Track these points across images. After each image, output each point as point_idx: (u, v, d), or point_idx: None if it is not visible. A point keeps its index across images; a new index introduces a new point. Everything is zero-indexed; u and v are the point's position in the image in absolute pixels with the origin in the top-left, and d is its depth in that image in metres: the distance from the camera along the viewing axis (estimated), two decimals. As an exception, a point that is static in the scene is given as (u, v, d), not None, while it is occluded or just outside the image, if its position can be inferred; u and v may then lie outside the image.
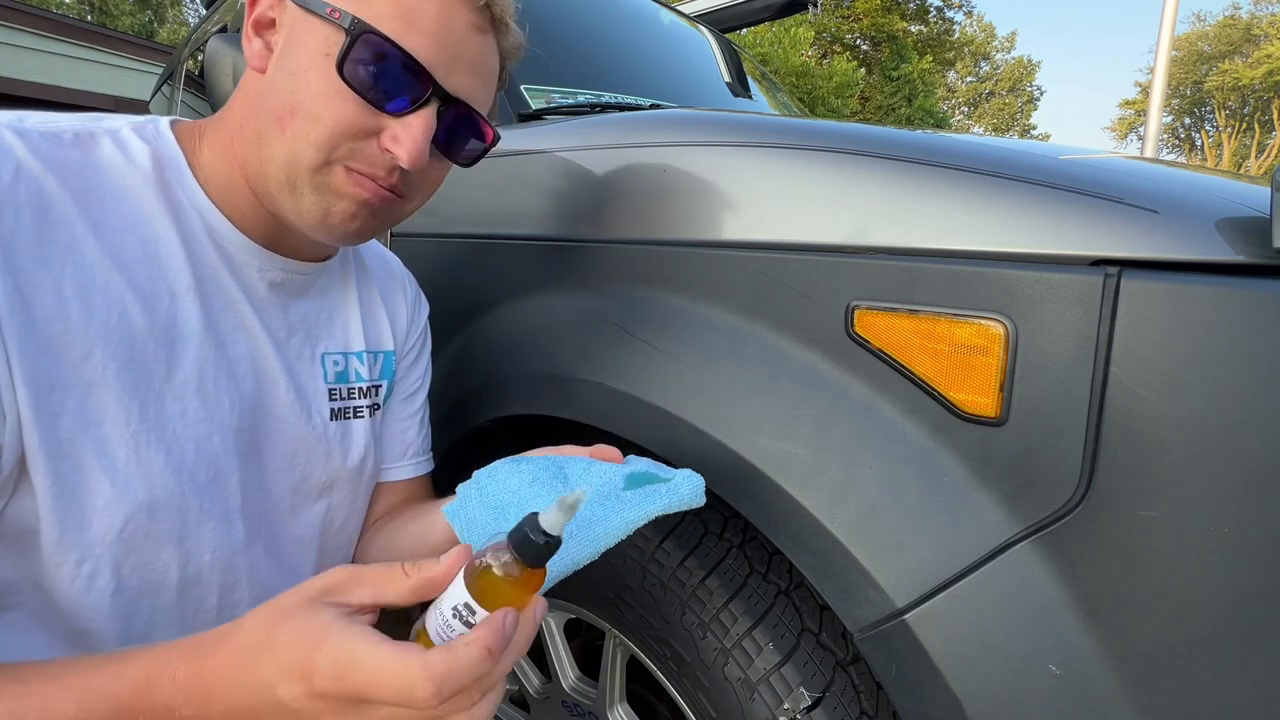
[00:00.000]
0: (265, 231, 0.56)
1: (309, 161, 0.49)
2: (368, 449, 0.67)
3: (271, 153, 0.50)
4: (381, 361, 0.70)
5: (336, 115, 0.48)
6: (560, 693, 0.84)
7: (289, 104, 0.48)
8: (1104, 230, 0.46)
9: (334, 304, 0.65)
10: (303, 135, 0.48)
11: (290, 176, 0.50)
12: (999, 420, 0.48)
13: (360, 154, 0.50)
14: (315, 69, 0.48)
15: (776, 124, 0.69)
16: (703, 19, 2.06)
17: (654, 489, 0.48)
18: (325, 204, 0.51)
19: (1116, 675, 0.45)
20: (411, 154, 0.50)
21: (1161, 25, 4.67)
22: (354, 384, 0.66)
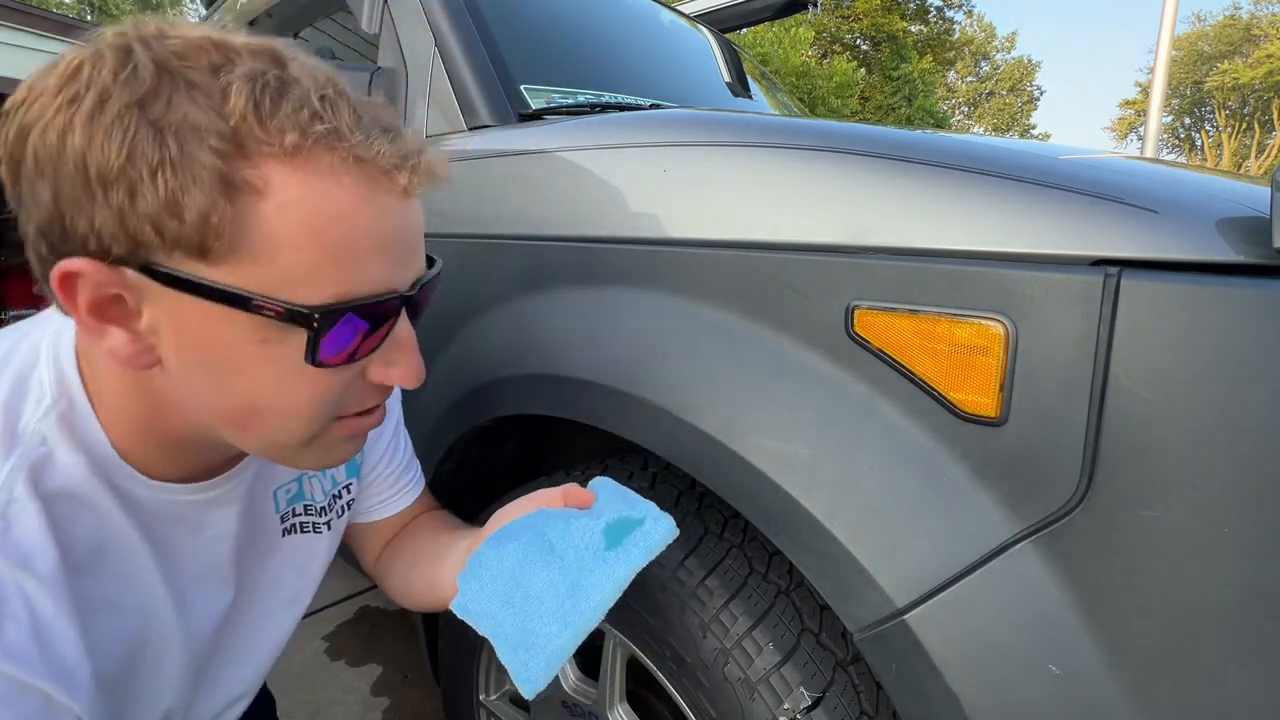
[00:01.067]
0: (202, 472, 0.51)
1: (299, 441, 0.44)
2: (329, 558, 0.67)
3: (235, 440, 0.45)
4: (348, 468, 0.68)
5: (316, 398, 0.42)
6: (560, 693, 0.84)
7: (242, 406, 0.41)
8: (1104, 230, 0.46)
9: None
10: (279, 428, 0.43)
11: (276, 453, 0.45)
12: (999, 420, 0.48)
13: (352, 401, 0.45)
14: (258, 363, 0.39)
15: (776, 124, 0.69)
16: (703, 19, 2.06)
17: (632, 540, 0.51)
18: (329, 456, 0.48)
19: (1116, 675, 0.45)
20: (413, 374, 0.45)
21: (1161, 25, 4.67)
22: (309, 502, 0.64)
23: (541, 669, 0.49)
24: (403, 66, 1.09)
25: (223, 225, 0.35)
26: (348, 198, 0.38)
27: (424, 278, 0.46)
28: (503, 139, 0.89)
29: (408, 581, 0.68)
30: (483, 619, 0.53)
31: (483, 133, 0.95)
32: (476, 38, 1.05)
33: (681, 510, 0.71)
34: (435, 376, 0.96)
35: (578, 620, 0.49)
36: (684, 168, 0.67)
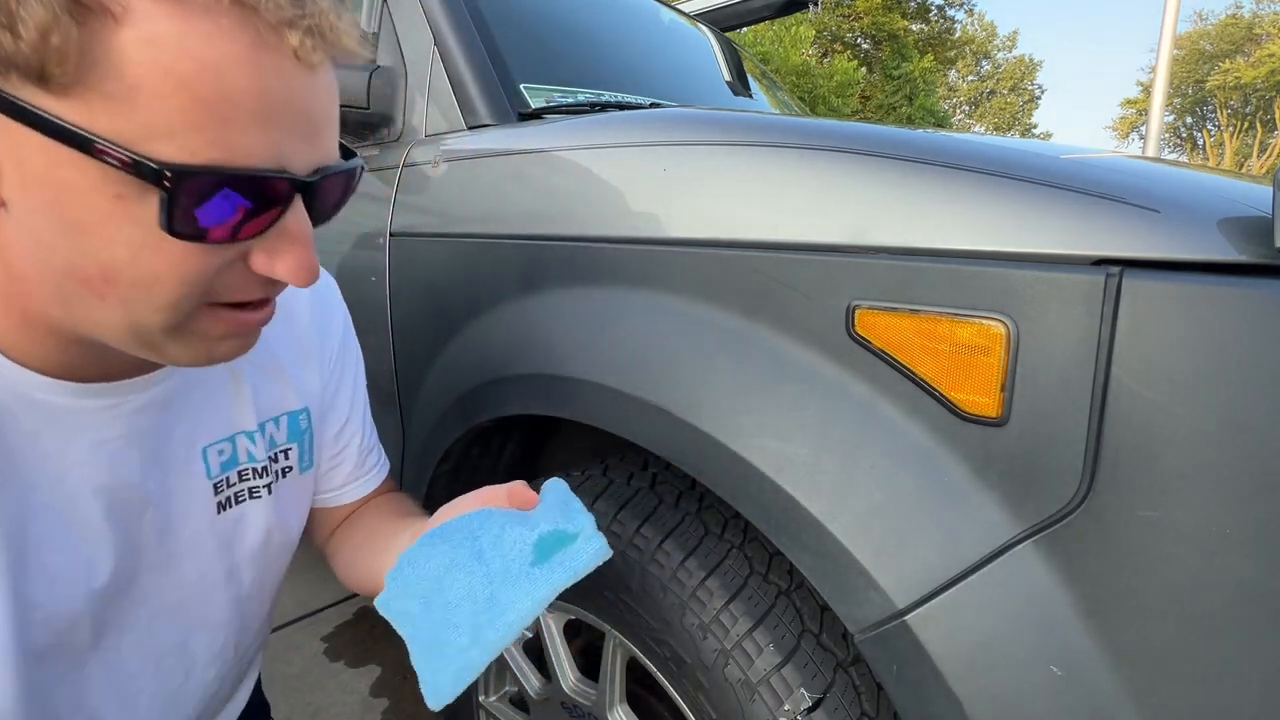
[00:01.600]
0: (95, 369, 0.44)
1: (160, 325, 0.38)
2: (270, 528, 0.60)
3: (95, 319, 0.38)
4: (286, 425, 0.61)
5: (178, 270, 0.36)
6: (560, 694, 0.84)
7: (95, 270, 0.36)
8: (1105, 230, 0.45)
9: (205, 386, 0.54)
10: (139, 303, 0.37)
11: (141, 338, 0.39)
12: (1000, 420, 0.48)
13: (227, 287, 0.39)
14: (112, 221, 0.34)
15: (776, 123, 0.69)
16: (703, 18, 2.06)
17: (560, 559, 0.49)
18: (204, 350, 0.42)
19: (1117, 676, 0.45)
20: (302, 270, 0.40)
21: (1163, 24, 4.67)
22: (245, 466, 0.57)
23: (448, 682, 0.47)
24: (402, 65, 1.09)
25: (66, 49, 0.30)
26: (227, 47, 0.33)
27: (330, 168, 0.40)
28: (503, 138, 0.89)
29: (352, 564, 0.65)
30: (401, 619, 0.52)
31: (482, 132, 0.95)
32: (476, 37, 1.05)
33: (681, 510, 0.71)
34: (435, 376, 0.95)
35: (488, 637, 0.47)
36: (684, 168, 0.67)
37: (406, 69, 1.08)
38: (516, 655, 0.93)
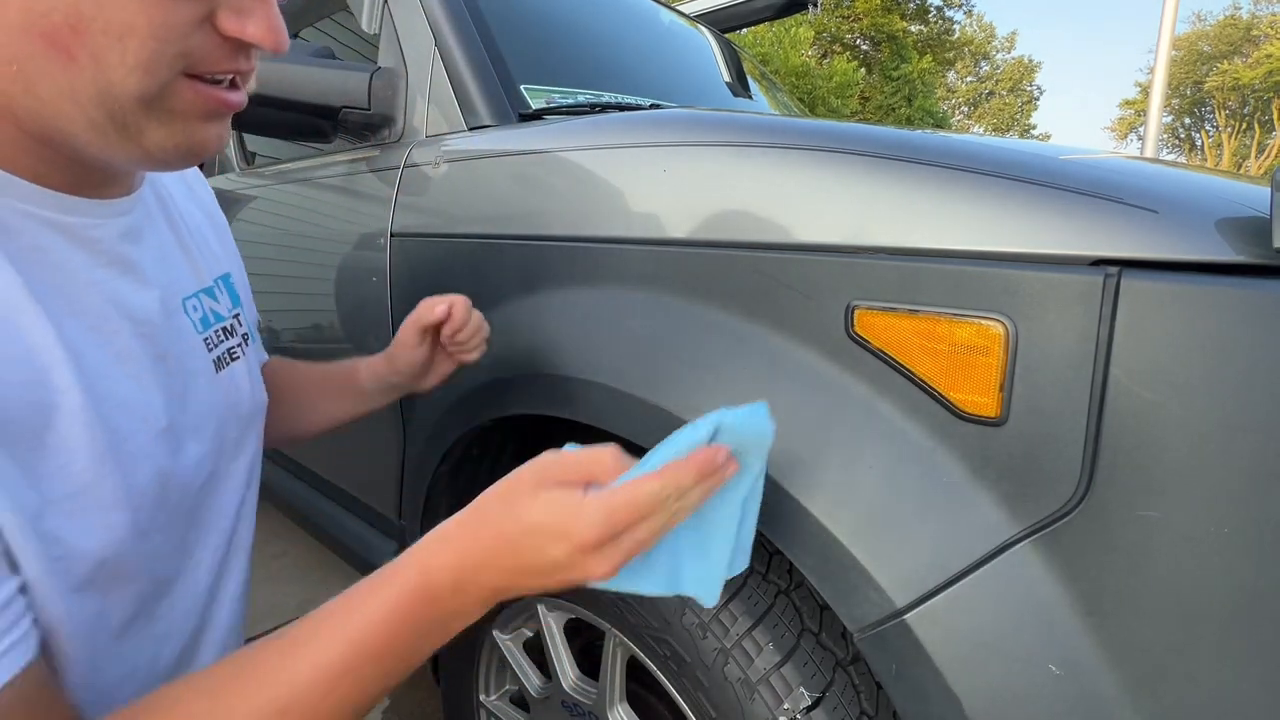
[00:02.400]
0: (63, 176, 0.41)
1: (134, 91, 0.35)
2: (252, 391, 0.60)
3: (59, 90, 0.35)
4: (225, 287, 0.61)
5: (153, 23, 0.34)
6: (560, 693, 0.84)
7: (54, 17, 0.32)
8: (1104, 230, 0.46)
9: (161, 237, 0.52)
10: (111, 60, 0.34)
11: (113, 114, 0.36)
12: (999, 420, 0.48)
13: (200, 53, 0.37)
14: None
15: (776, 124, 0.69)
16: (703, 19, 2.06)
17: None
18: (185, 135, 0.39)
19: (1116, 675, 0.45)
20: (272, 32, 0.38)
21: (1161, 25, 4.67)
22: (217, 325, 0.57)
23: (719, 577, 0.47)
24: (403, 66, 1.09)
25: None
26: None
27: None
28: (503, 139, 0.89)
29: (306, 411, 0.75)
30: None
31: (483, 133, 0.95)
32: (476, 38, 1.05)
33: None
34: (435, 376, 0.95)
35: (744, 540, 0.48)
36: (684, 168, 0.67)
37: (407, 70, 1.08)
38: (517, 654, 0.93)
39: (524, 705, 0.96)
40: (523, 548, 0.41)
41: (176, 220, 0.56)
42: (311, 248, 1.19)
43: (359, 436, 1.14)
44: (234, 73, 0.40)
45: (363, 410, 0.79)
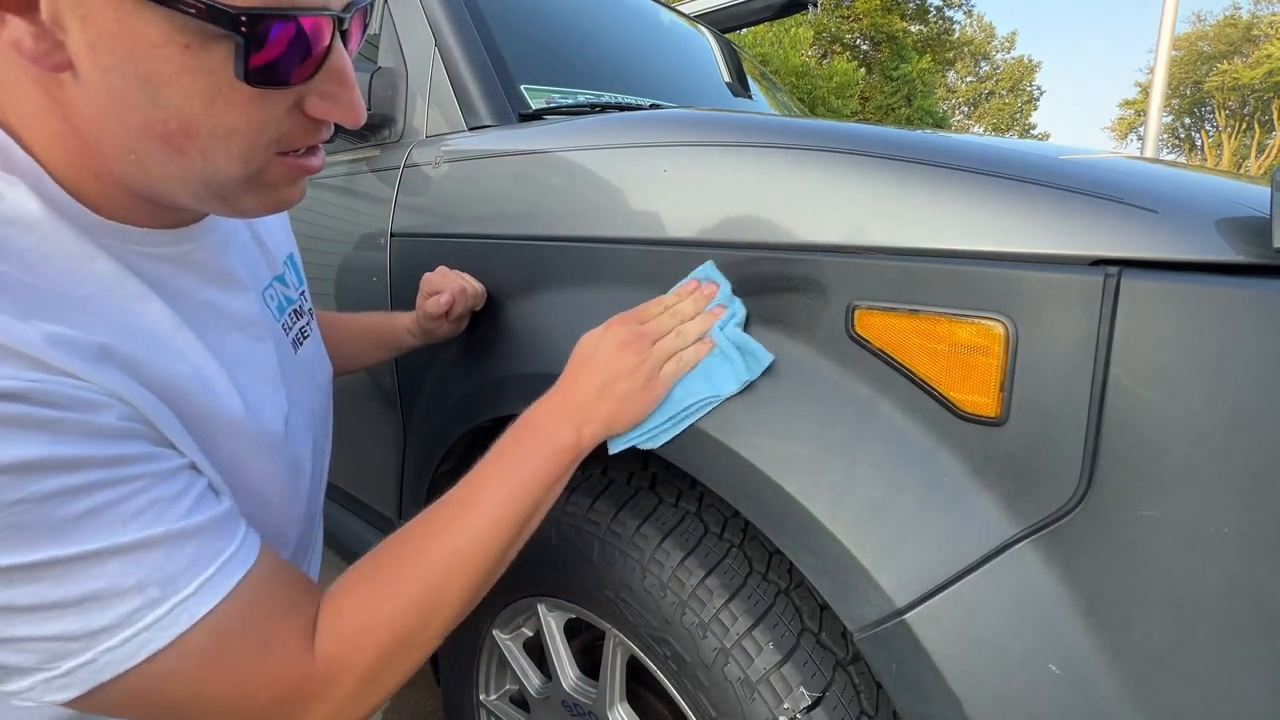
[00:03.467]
0: (166, 219, 0.47)
1: (237, 175, 0.41)
2: (324, 363, 0.70)
3: (169, 175, 0.41)
4: (291, 268, 0.67)
5: (253, 122, 0.39)
6: (560, 693, 0.84)
7: (170, 122, 0.38)
8: (1104, 230, 0.46)
9: (241, 236, 0.59)
10: (215, 155, 0.40)
11: (216, 192, 0.42)
12: (999, 420, 0.48)
13: (290, 136, 0.42)
14: (186, 73, 0.36)
15: (776, 124, 0.69)
16: (703, 19, 2.06)
17: None
18: (273, 199, 0.46)
19: (1116, 675, 0.45)
20: (354, 110, 0.43)
21: (1161, 25, 4.67)
22: (290, 308, 0.64)
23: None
24: (403, 66, 1.09)
25: None
26: None
27: (357, 2, 0.42)
28: (503, 139, 0.89)
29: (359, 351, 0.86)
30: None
31: (483, 133, 0.95)
32: (476, 38, 1.05)
33: (681, 509, 0.71)
34: (436, 376, 0.96)
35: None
36: (684, 168, 0.67)
37: (407, 70, 1.08)
38: (517, 654, 0.93)
39: (524, 705, 0.96)
40: (575, 378, 0.60)
41: None
42: (312, 247, 1.19)
43: (359, 436, 1.14)
44: (318, 143, 0.46)
45: (395, 355, 0.91)
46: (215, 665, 0.39)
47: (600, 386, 0.57)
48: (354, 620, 0.46)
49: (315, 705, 0.44)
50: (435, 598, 0.48)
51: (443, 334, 0.84)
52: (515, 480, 0.53)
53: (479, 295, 0.82)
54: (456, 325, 0.84)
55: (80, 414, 0.35)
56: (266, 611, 0.43)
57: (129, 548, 0.36)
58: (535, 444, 0.55)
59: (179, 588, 0.37)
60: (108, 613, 0.35)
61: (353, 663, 0.45)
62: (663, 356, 0.58)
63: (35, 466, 0.33)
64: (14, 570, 0.33)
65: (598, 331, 0.61)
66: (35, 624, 0.34)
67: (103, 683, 0.36)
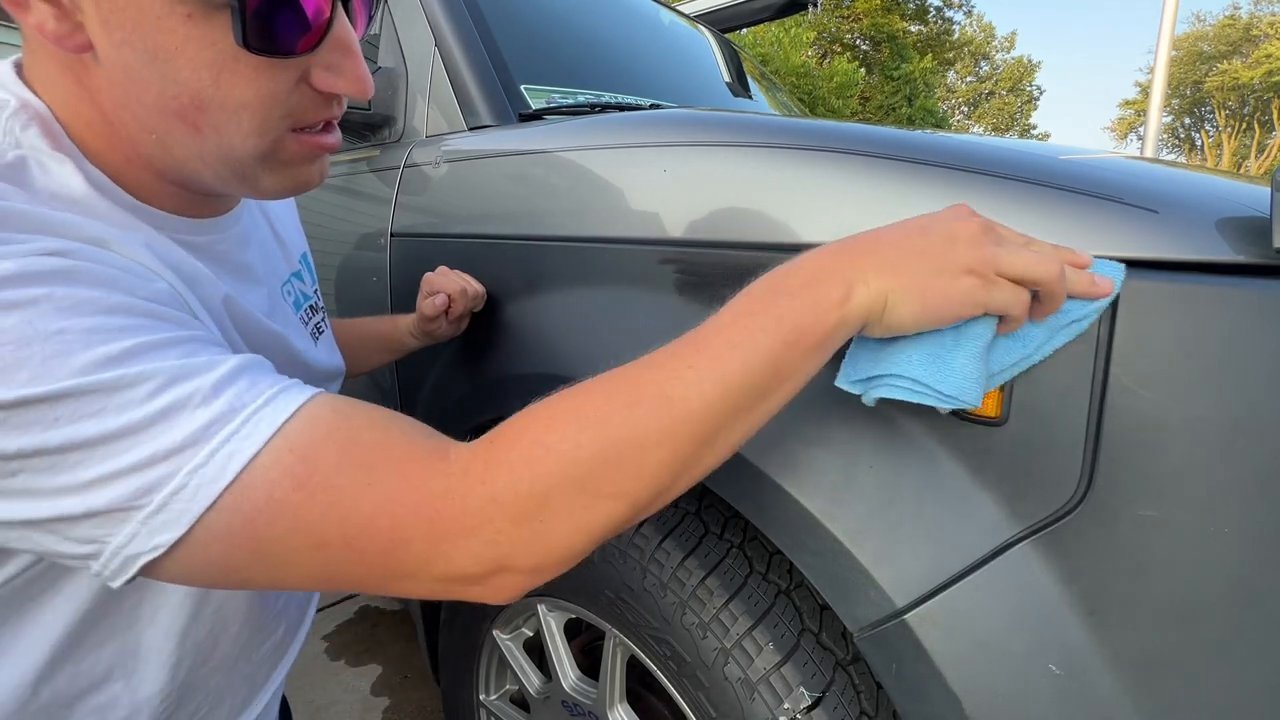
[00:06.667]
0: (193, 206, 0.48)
1: (252, 151, 0.42)
2: (335, 356, 0.69)
3: (190, 153, 0.42)
4: (306, 265, 0.69)
5: (261, 95, 0.40)
6: (560, 693, 0.84)
7: (182, 97, 0.39)
8: (1104, 230, 0.46)
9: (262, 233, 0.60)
10: (226, 129, 0.40)
11: (235, 169, 0.43)
12: (999, 420, 0.48)
13: (301, 111, 0.43)
14: (191, 44, 0.37)
15: (776, 124, 0.69)
16: (703, 19, 2.06)
17: None
18: (292, 178, 0.46)
19: (1116, 675, 0.45)
20: (360, 82, 0.43)
21: (1161, 25, 4.67)
22: (305, 304, 0.65)
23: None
24: (403, 66, 1.09)
25: None
26: None
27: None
28: (503, 139, 0.89)
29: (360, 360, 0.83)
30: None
31: (483, 133, 0.95)
32: (476, 38, 1.05)
33: (681, 510, 0.71)
34: (435, 376, 0.96)
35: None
36: (684, 168, 0.67)
37: (407, 70, 1.08)
38: (517, 654, 0.93)
39: (524, 705, 0.96)
40: (892, 228, 0.43)
41: (268, 206, 0.64)
42: (312, 247, 1.19)
43: (359, 436, 1.14)
44: (329, 119, 0.46)
45: (398, 357, 0.90)
46: (316, 486, 0.35)
47: (919, 243, 0.41)
48: (513, 442, 0.38)
49: (455, 537, 0.36)
50: (624, 440, 0.37)
51: (443, 334, 0.84)
52: (755, 329, 0.39)
53: (479, 295, 0.82)
54: (457, 326, 0.84)
55: (128, 275, 0.37)
56: (363, 428, 0.37)
57: (185, 371, 0.35)
58: (792, 289, 0.41)
59: (247, 401, 0.35)
60: (182, 429, 0.33)
61: (501, 490, 0.36)
62: (1008, 267, 0.41)
63: (81, 302, 0.33)
64: (68, 397, 0.31)
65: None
66: (112, 455, 0.32)
67: (203, 511, 0.33)
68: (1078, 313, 0.43)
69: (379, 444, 0.37)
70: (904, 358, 0.43)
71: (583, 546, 0.38)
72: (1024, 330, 0.44)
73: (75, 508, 0.32)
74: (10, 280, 0.31)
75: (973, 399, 0.41)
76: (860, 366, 0.45)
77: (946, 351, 0.42)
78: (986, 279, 0.40)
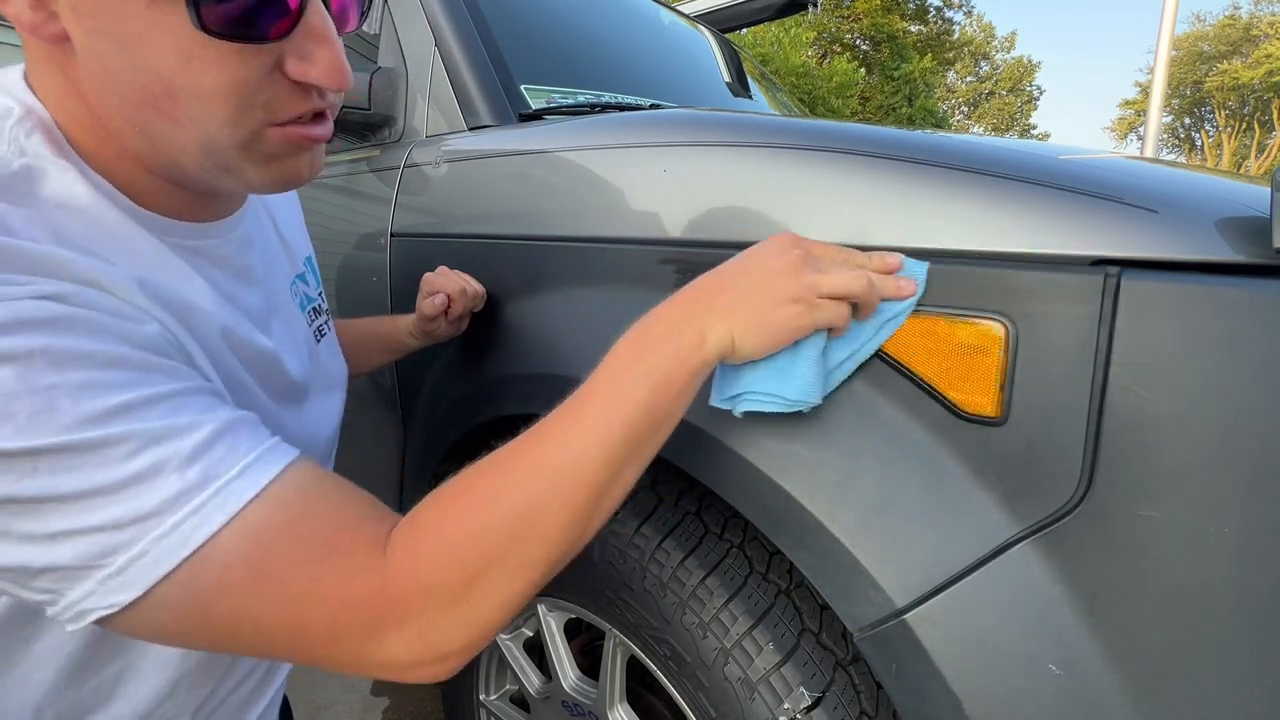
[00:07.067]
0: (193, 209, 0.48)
1: (229, 141, 0.41)
2: (339, 358, 0.70)
3: (172, 146, 0.41)
4: (310, 267, 0.69)
5: (231, 82, 0.38)
6: (560, 693, 0.84)
7: (153, 86, 0.38)
8: (1104, 230, 0.46)
9: (265, 234, 0.60)
10: (201, 119, 0.39)
11: (218, 162, 0.42)
12: (999, 420, 0.48)
13: (278, 102, 0.41)
14: (146, 25, 0.36)
15: (776, 124, 0.69)
16: (703, 19, 2.06)
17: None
18: (280, 172, 0.45)
19: (1116, 675, 0.45)
20: (334, 71, 0.41)
21: (1161, 25, 4.67)
22: (309, 306, 0.66)
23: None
24: (403, 66, 1.09)
25: None
26: None
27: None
28: (503, 139, 0.89)
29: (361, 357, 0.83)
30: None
31: (483, 133, 0.95)
32: (477, 38, 1.05)
33: (681, 510, 0.71)
34: (436, 376, 0.96)
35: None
36: (684, 168, 0.67)
37: (407, 70, 1.08)
38: (517, 654, 0.93)
39: (524, 705, 0.96)
40: (721, 273, 0.49)
41: (273, 209, 0.64)
42: (312, 248, 1.19)
43: (359, 436, 1.14)
44: (311, 112, 0.44)
45: (398, 358, 0.90)
46: (265, 575, 0.36)
47: (745, 283, 0.47)
48: (433, 533, 0.40)
49: (389, 630, 0.38)
50: (530, 513, 0.40)
51: (443, 334, 0.84)
52: (628, 386, 0.43)
53: (478, 295, 0.82)
54: (456, 326, 0.84)
55: (120, 321, 0.37)
56: (319, 515, 0.39)
57: (166, 432, 0.35)
58: (652, 344, 0.45)
59: (220, 472, 0.36)
60: (153, 495, 0.34)
61: (430, 579, 0.38)
62: (825, 289, 0.48)
63: (73, 356, 0.33)
64: (50, 452, 0.32)
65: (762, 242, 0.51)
66: (82, 512, 0.33)
67: (158, 580, 0.34)
68: (892, 310, 0.51)
69: (332, 531, 0.39)
70: (755, 376, 0.50)
71: (506, 618, 0.41)
72: (852, 330, 0.51)
73: (38, 559, 0.33)
74: (6, 328, 0.32)
75: (814, 399, 0.50)
76: (725, 387, 0.52)
77: (789, 364, 0.49)
78: (809, 303, 0.47)
